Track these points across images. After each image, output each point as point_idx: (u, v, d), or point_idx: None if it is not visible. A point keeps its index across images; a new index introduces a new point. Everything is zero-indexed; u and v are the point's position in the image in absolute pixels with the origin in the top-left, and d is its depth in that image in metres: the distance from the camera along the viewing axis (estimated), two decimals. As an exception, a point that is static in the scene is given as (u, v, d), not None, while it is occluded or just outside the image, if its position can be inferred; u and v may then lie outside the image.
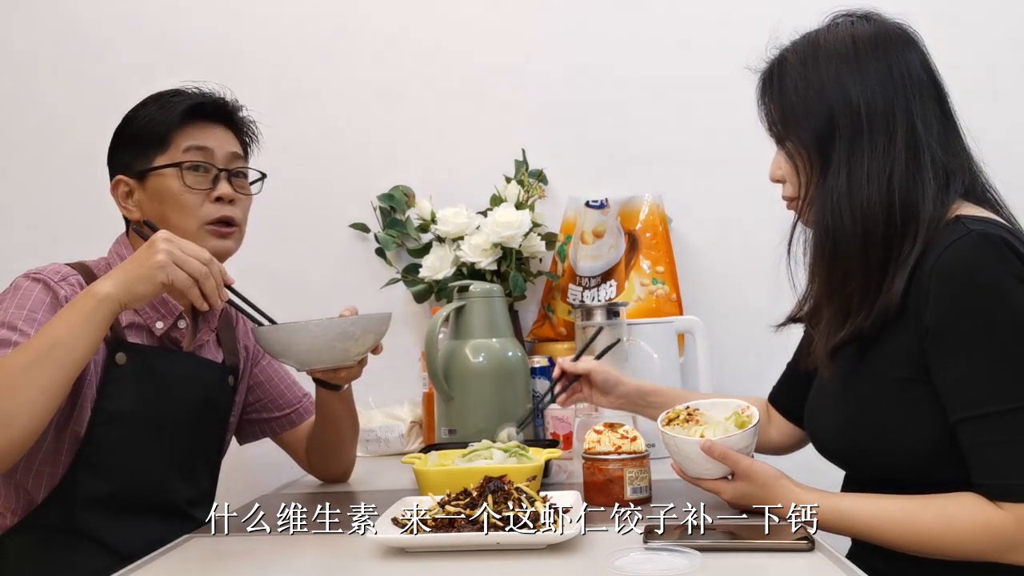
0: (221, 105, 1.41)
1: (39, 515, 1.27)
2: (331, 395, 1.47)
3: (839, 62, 1.12)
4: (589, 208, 1.95)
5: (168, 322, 1.35)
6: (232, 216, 1.38)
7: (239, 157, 1.42)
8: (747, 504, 1.15)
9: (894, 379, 1.09)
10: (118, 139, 1.40)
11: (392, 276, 2.07)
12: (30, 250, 1.72)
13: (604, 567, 0.92)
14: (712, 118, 2.09)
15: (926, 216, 1.07)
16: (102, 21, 2.20)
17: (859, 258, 1.09)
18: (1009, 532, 0.99)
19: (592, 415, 1.48)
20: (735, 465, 1.15)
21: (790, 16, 1.24)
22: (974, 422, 1.01)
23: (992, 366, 1.00)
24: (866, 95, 1.10)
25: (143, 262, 1.16)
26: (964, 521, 1.01)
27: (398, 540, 1.02)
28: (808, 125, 1.13)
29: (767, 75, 1.20)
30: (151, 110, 1.37)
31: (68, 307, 1.16)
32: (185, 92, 1.40)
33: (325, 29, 2.17)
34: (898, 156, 1.09)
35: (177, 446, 1.38)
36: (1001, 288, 1.00)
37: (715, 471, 1.17)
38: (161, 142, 1.35)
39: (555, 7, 2.14)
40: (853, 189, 1.09)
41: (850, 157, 1.10)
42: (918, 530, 1.03)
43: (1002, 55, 2.05)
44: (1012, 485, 0.99)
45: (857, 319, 1.10)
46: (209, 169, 1.37)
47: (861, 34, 1.14)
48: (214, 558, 1.10)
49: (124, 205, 1.38)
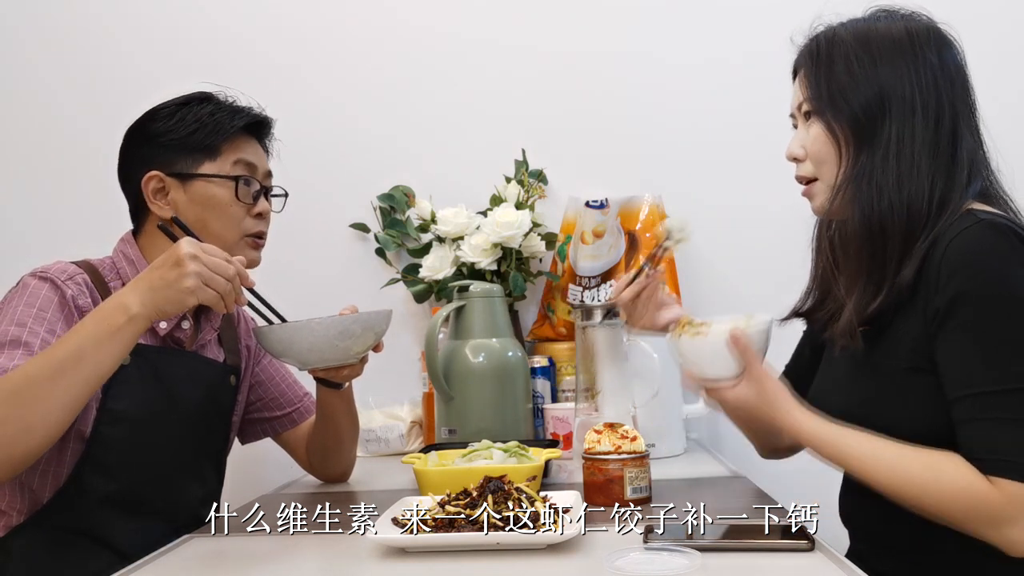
0: (265, 120, 1.45)
1: (45, 515, 1.27)
2: (332, 394, 1.47)
3: (894, 48, 1.13)
4: (589, 208, 1.95)
5: (172, 322, 1.36)
6: (263, 230, 1.43)
7: (270, 175, 1.47)
8: (746, 410, 1.17)
9: (900, 369, 1.09)
10: (150, 134, 1.37)
11: (392, 276, 2.07)
12: (30, 250, 1.72)
13: (604, 567, 0.92)
14: (712, 118, 2.09)
15: (949, 207, 1.08)
16: (102, 17, 2.20)
17: (899, 240, 1.09)
18: (993, 505, 0.99)
19: (592, 415, 1.48)
20: (751, 364, 1.16)
21: (792, 15, 1.24)
22: (970, 400, 1.02)
23: (992, 348, 1.01)
24: (920, 83, 1.11)
25: (173, 283, 1.15)
26: (952, 478, 1.01)
27: (398, 540, 1.02)
28: (857, 103, 1.12)
29: (815, 47, 1.18)
30: (199, 115, 1.37)
31: (95, 319, 1.15)
32: (227, 103, 1.42)
33: (325, 29, 2.17)
34: (943, 144, 1.10)
35: (182, 445, 1.38)
36: (1006, 274, 1.02)
37: (728, 371, 1.18)
38: (211, 150, 1.36)
39: (555, 7, 2.14)
40: (903, 173, 1.09)
41: (899, 141, 1.10)
42: (906, 476, 1.04)
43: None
44: (1002, 461, 0.99)
45: (882, 293, 1.10)
46: (254, 184, 1.40)
47: (914, 27, 1.15)
48: (214, 558, 1.10)
49: (154, 201, 1.36)
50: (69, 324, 1.25)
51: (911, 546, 1.13)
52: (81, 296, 1.28)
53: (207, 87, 1.43)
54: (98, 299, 1.30)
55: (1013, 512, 0.99)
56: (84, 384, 1.13)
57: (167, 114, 1.38)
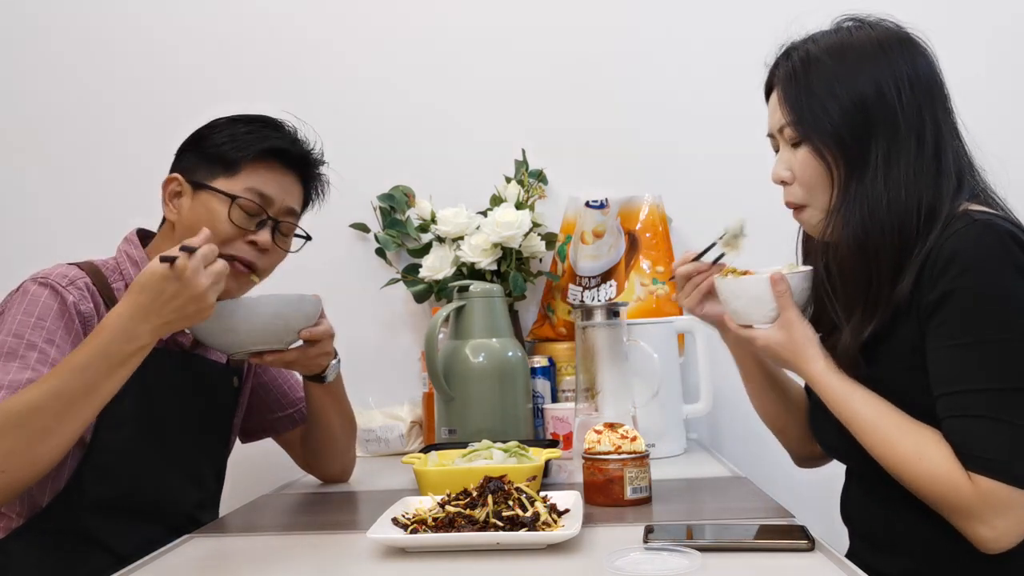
0: (303, 155, 1.41)
1: (44, 519, 1.27)
2: (318, 389, 1.46)
3: (871, 63, 1.11)
4: (589, 208, 1.95)
5: None
6: (255, 263, 1.36)
7: (293, 213, 1.42)
8: (772, 355, 1.20)
9: (901, 370, 1.10)
10: (194, 143, 1.38)
11: (392, 276, 2.07)
12: (32, 250, 1.72)
13: (604, 567, 0.92)
14: (713, 118, 2.09)
15: (941, 216, 1.08)
16: (102, 16, 2.20)
17: (892, 260, 1.09)
18: (967, 498, 1.00)
19: (592, 415, 1.48)
20: (785, 309, 1.17)
21: (795, 14, 1.23)
22: (952, 397, 1.03)
23: (975, 348, 1.02)
24: (899, 97, 1.10)
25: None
26: (934, 462, 1.03)
27: (398, 540, 1.02)
28: (842, 124, 1.11)
29: (791, 69, 1.16)
30: (236, 131, 1.36)
31: (103, 350, 1.12)
32: (276, 128, 1.39)
33: (324, 28, 2.17)
34: (927, 159, 1.10)
35: (183, 449, 1.38)
36: (995, 275, 1.02)
37: (761, 315, 1.20)
38: (229, 167, 1.34)
39: (555, 7, 2.14)
40: (892, 193, 1.09)
41: (887, 163, 1.09)
42: (894, 449, 1.06)
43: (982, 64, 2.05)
44: (978, 458, 1.00)
45: (878, 313, 1.10)
46: (259, 214, 1.36)
47: (884, 37, 1.13)
48: (214, 558, 1.10)
49: (169, 204, 1.36)
50: (69, 331, 1.24)
51: (911, 546, 1.13)
52: (83, 301, 1.27)
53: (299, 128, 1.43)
54: (100, 303, 1.30)
55: (984, 509, 0.99)
56: (92, 414, 1.14)
57: (218, 125, 1.38)
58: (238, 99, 1.47)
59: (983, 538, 1.01)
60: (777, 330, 1.18)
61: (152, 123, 2.12)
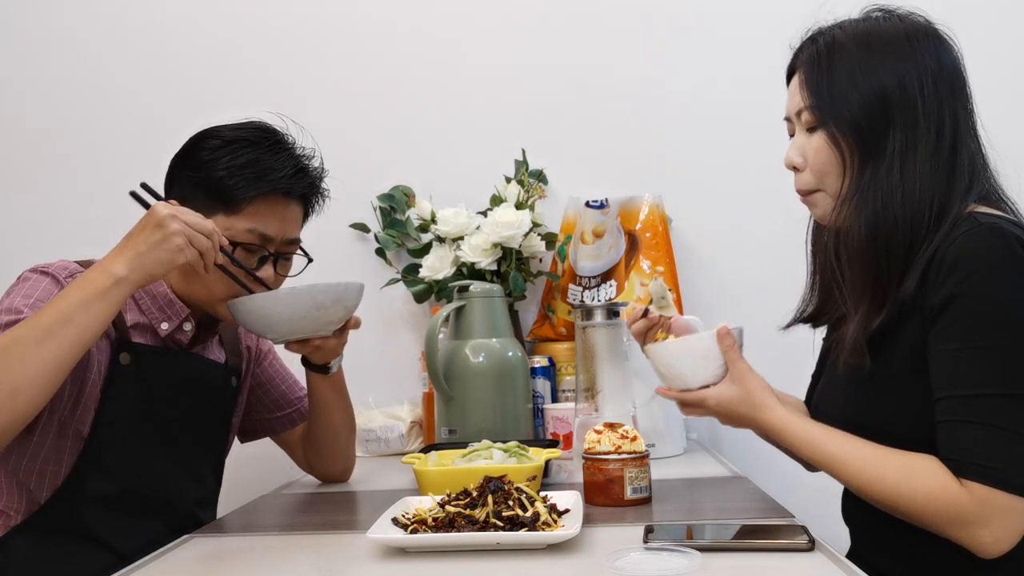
0: (309, 184, 1.38)
1: (42, 515, 1.27)
2: (321, 380, 1.46)
3: (896, 55, 1.10)
4: (589, 208, 1.96)
5: (173, 324, 1.35)
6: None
7: (294, 241, 1.39)
8: (727, 414, 1.17)
9: (902, 371, 1.09)
10: (190, 166, 1.32)
11: (392, 276, 2.07)
12: (32, 250, 1.72)
13: (604, 567, 0.92)
14: (713, 118, 2.09)
15: (950, 215, 1.07)
16: (102, 15, 2.21)
17: (902, 254, 1.08)
18: (963, 506, 1.00)
19: (592, 415, 1.48)
20: (734, 362, 1.16)
21: (792, 16, 1.24)
22: (949, 401, 1.02)
23: (975, 352, 1.01)
24: (921, 90, 1.09)
25: (159, 244, 1.14)
26: (925, 479, 1.02)
27: (398, 540, 1.02)
28: (861, 112, 1.10)
29: (815, 53, 1.14)
30: (235, 161, 1.30)
31: (80, 284, 1.13)
32: (275, 151, 1.33)
33: (325, 28, 2.17)
34: (944, 155, 1.09)
35: (181, 447, 1.38)
36: (999, 279, 1.01)
37: (709, 375, 1.18)
38: (230, 205, 1.30)
39: (555, 6, 2.14)
40: (907, 186, 1.08)
41: (903, 154, 1.08)
42: (879, 475, 1.05)
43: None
44: (973, 464, 0.99)
45: (885, 307, 1.10)
46: (260, 252, 1.34)
47: (912, 30, 1.13)
48: (214, 558, 1.10)
49: None
50: None
51: (911, 546, 1.13)
52: None
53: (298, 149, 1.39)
54: None
55: (982, 514, 0.99)
56: (71, 346, 1.11)
57: (213, 146, 1.32)
58: (237, 99, 1.47)
59: (982, 543, 1.00)
60: (730, 385, 1.17)
61: (152, 123, 2.13)
